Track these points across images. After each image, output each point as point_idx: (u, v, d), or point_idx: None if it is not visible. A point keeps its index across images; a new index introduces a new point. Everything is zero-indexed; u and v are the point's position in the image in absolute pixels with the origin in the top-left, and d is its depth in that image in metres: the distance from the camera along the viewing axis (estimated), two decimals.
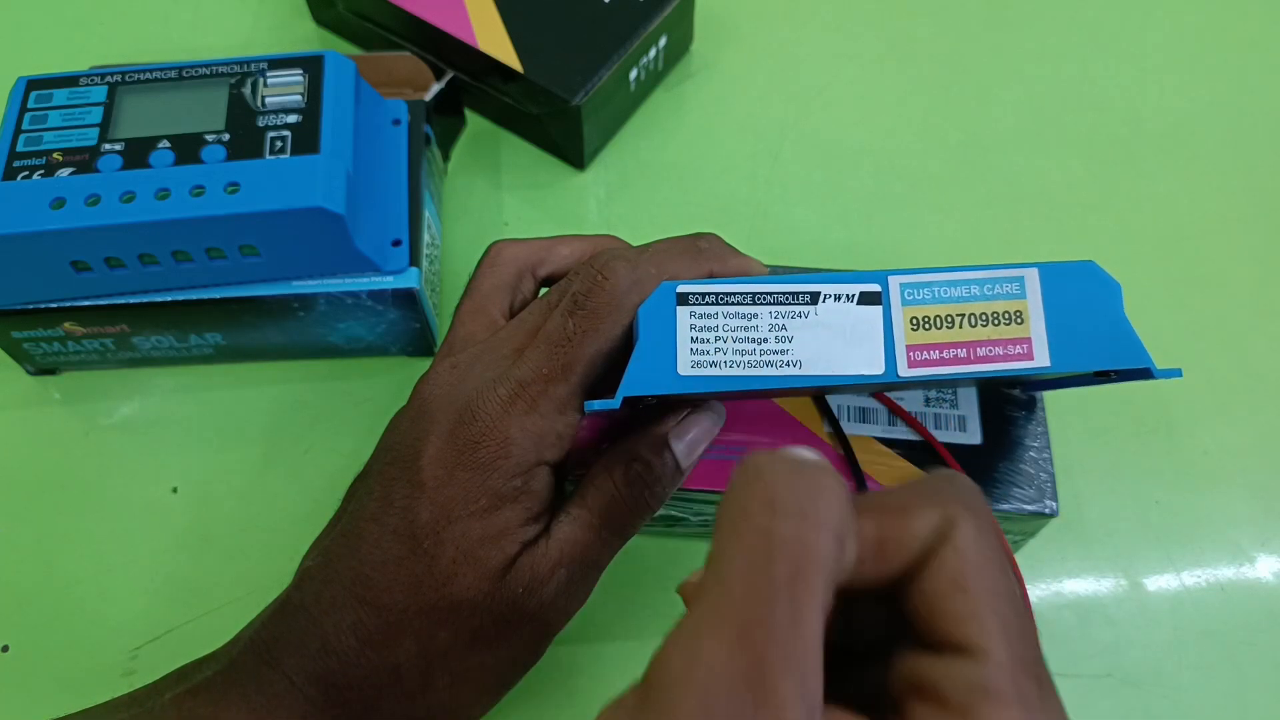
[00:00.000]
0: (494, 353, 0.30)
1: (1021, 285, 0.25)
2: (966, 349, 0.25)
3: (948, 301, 0.25)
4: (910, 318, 0.25)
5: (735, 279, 0.26)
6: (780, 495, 0.17)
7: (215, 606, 0.38)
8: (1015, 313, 0.25)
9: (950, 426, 0.35)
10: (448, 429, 0.29)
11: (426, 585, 0.28)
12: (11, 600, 0.38)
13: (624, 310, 0.28)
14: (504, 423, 0.28)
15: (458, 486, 0.28)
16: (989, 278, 0.25)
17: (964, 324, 0.25)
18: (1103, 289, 0.26)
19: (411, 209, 0.41)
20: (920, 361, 0.25)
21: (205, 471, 0.41)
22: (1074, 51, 0.54)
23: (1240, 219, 0.48)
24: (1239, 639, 0.38)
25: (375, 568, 0.28)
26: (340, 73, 0.39)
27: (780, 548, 0.16)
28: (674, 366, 0.25)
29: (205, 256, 0.37)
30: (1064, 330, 0.25)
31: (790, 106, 0.51)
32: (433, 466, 0.28)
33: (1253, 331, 0.45)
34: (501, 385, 0.28)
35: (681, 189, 0.49)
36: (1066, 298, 0.25)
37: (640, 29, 0.47)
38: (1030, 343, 0.25)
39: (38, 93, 0.38)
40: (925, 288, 0.25)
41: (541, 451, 0.28)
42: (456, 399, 0.29)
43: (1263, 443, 0.43)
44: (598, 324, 0.28)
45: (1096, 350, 0.25)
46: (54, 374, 0.43)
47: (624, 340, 0.28)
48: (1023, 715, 0.17)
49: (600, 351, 0.28)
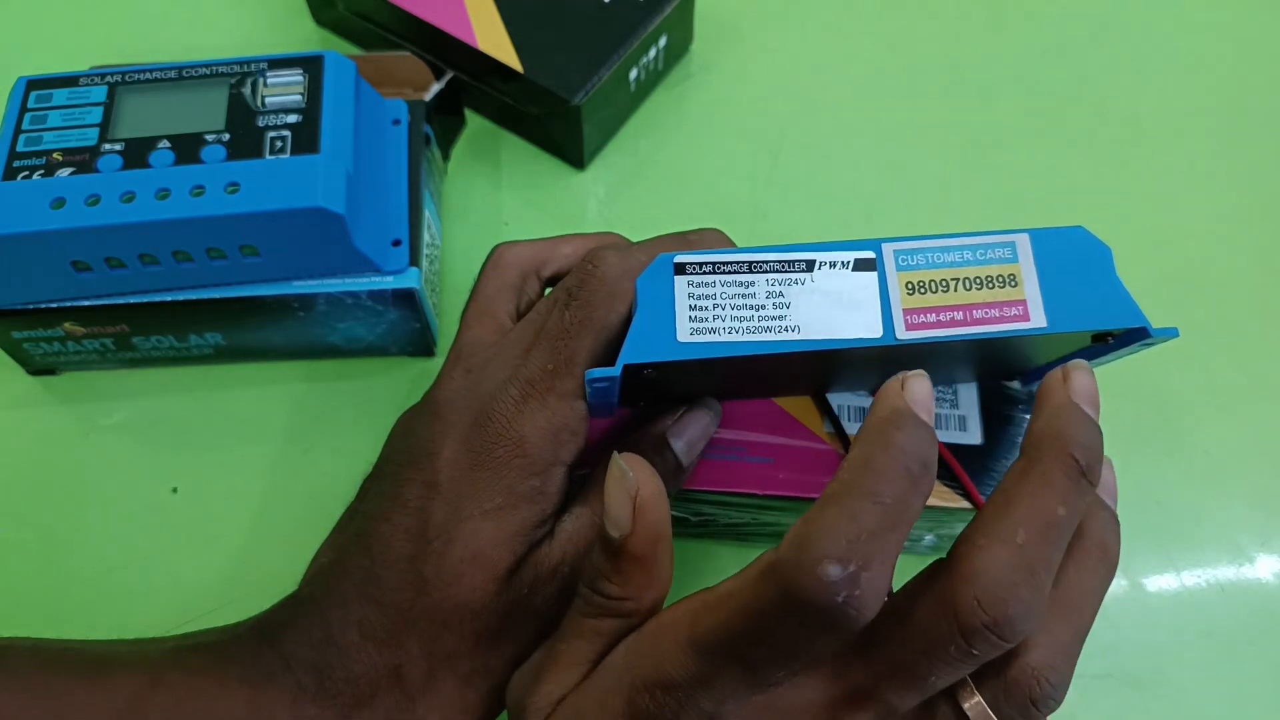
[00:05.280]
0: (504, 355, 0.30)
1: (1014, 250, 0.26)
2: (963, 311, 0.25)
3: (941, 266, 0.25)
4: (905, 282, 0.25)
5: (732, 249, 0.26)
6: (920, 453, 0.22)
7: (215, 606, 0.38)
8: (1009, 276, 0.25)
9: (950, 426, 0.35)
10: (463, 432, 0.29)
11: (433, 585, 0.28)
12: (11, 600, 0.38)
13: (617, 297, 0.28)
14: (518, 423, 0.28)
15: (473, 485, 0.28)
16: (981, 243, 0.26)
17: (958, 287, 0.25)
18: (1093, 252, 0.26)
19: (411, 209, 0.41)
20: (917, 324, 0.25)
21: (205, 471, 0.41)
22: (1074, 51, 0.54)
23: (1241, 219, 0.48)
24: (1239, 639, 0.38)
25: (385, 566, 0.29)
26: (340, 73, 0.39)
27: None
28: (673, 334, 0.25)
29: (205, 256, 0.37)
30: (1058, 293, 0.25)
31: (790, 106, 0.51)
32: (449, 468, 0.29)
33: (1253, 331, 0.45)
34: (513, 386, 0.29)
35: (681, 189, 0.49)
36: (1059, 261, 0.26)
37: (640, 29, 0.47)
38: (1025, 304, 0.25)
39: (38, 93, 0.38)
40: (918, 253, 0.25)
41: (557, 450, 0.29)
42: (472, 402, 0.29)
43: (1263, 443, 0.43)
44: (592, 313, 0.28)
45: (1092, 311, 0.26)
46: (53, 374, 0.43)
47: (623, 328, 0.28)
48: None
49: (599, 340, 0.28)
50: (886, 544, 0.21)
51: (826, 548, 0.20)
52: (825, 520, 0.21)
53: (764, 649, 0.22)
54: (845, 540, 0.20)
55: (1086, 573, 0.25)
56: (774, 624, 0.21)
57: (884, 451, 0.21)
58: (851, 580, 0.20)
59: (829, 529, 0.21)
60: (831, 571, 0.20)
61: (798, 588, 0.20)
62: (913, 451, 0.22)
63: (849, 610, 0.20)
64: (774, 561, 0.21)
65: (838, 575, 0.20)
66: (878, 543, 0.21)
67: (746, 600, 0.22)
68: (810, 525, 0.21)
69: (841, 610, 0.20)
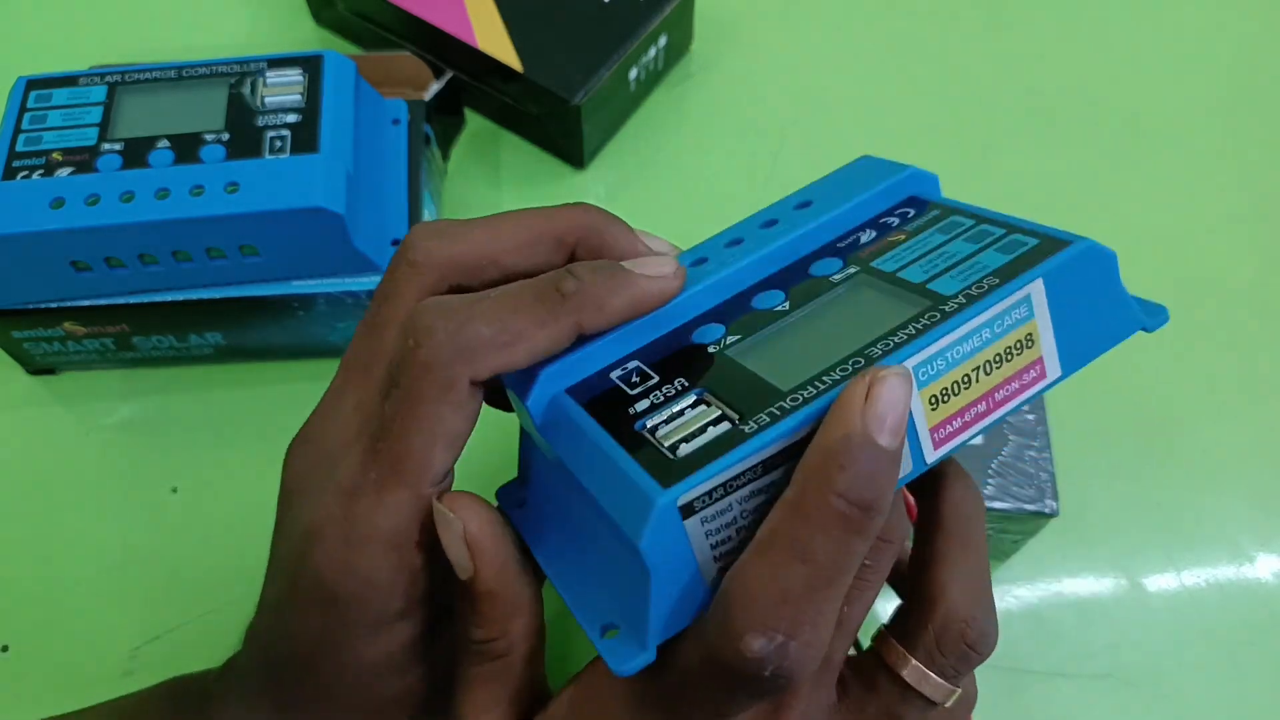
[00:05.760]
0: (335, 436, 0.23)
1: (1029, 305, 0.22)
2: (985, 401, 0.22)
3: (962, 361, 0.21)
4: (929, 398, 0.21)
5: (734, 451, 0.19)
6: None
7: (215, 606, 0.38)
8: (1027, 338, 0.22)
9: None
10: (295, 560, 0.23)
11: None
12: (11, 600, 0.38)
13: (451, 389, 0.21)
14: (347, 556, 0.22)
15: (321, 626, 0.23)
16: (999, 312, 0.21)
17: (979, 376, 0.21)
18: (1100, 265, 0.22)
19: (411, 208, 0.41)
20: (944, 439, 0.21)
21: (205, 471, 0.41)
22: (1074, 51, 0.54)
23: (1241, 219, 0.48)
24: (1239, 639, 0.38)
25: (271, 667, 0.25)
26: (340, 72, 0.39)
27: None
28: (699, 581, 0.20)
29: (205, 256, 0.37)
30: (1069, 329, 0.22)
31: (790, 106, 0.51)
32: (297, 603, 0.23)
33: (1253, 331, 0.45)
34: (334, 501, 0.22)
35: (681, 189, 0.49)
36: (1070, 294, 0.22)
37: (640, 29, 0.47)
38: (1042, 361, 0.22)
39: (37, 92, 0.38)
40: (938, 358, 0.21)
41: (408, 567, 0.22)
42: (307, 506, 0.23)
43: (1263, 443, 0.42)
44: (417, 408, 0.21)
45: (1098, 335, 0.23)
46: (53, 374, 0.43)
47: (470, 408, 0.22)
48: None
49: (440, 436, 0.22)
50: (820, 604, 0.19)
51: (749, 619, 0.18)
52: (749, 583, 0.18)
53: (702, 713, 0.21)
54: (770, 606, 0.18)
55: (955, 503, 0.24)
56: (703, 691, 0.20)
57: (818, 494, 0.18)
58: (779, 652, 0.18)
59: (752, 595, 0.18)
60: (754, 645, 0.18)
61: (722, 660, 0.19)
62: (856, 496, 0.18)
63: (778, 680, 0.19)
64: (699, 629, 0.20)
65: (762, 650, 0.18)
66: (807, 606, 0.18)
67: (680, 662, 0.20)
68: (735, 584, 0.19)
69: (771, 681, 0.19)
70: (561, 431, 0.22)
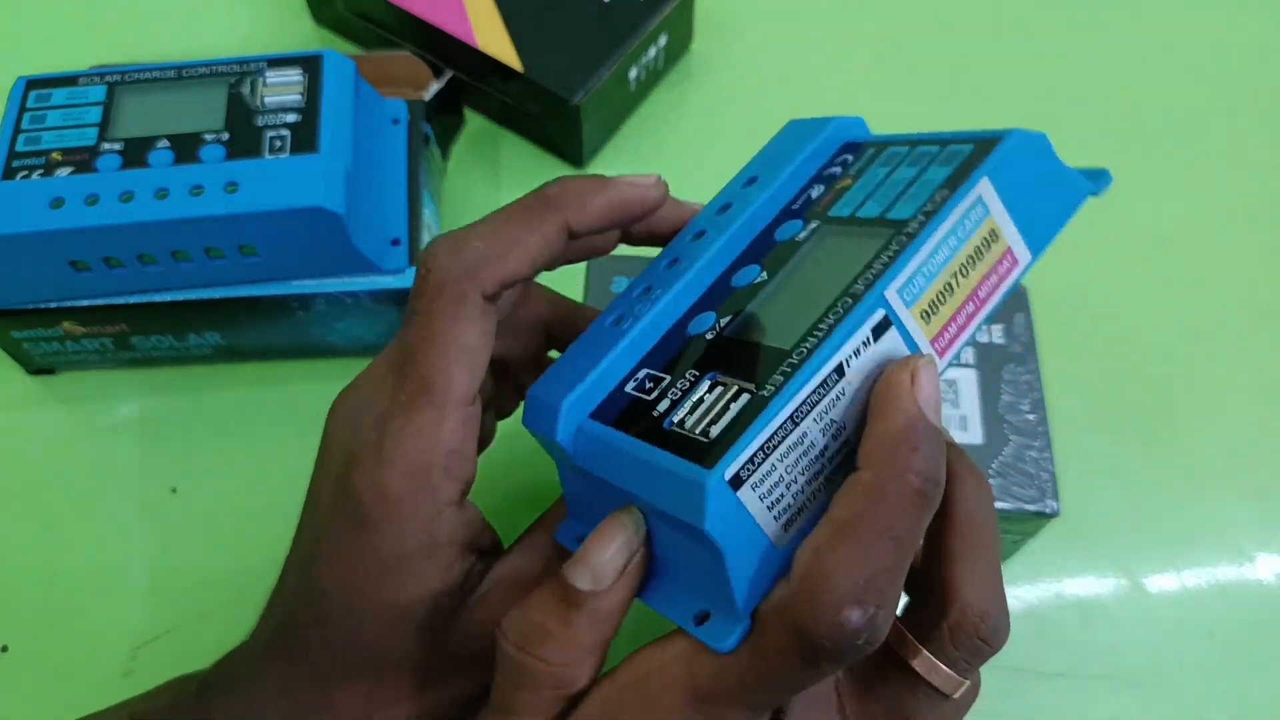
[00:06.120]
0: (372, 381, 0.26)
1: (983, 204, 0.23)
2: (971, 301, 0.23)
3: (939, 272, 0.23)
4: (920, 314, 0.22)
5: (761, 416, 0.21)
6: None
7: (215, 606, 0.38)
8: (991, 234, 0.23)
9: (951, 425, 0.35)
10: (334, 487, 0.25)
11: (351, 646, 0.25)
12: (11, 600, 0.38)
13: (463, 303, 0.23)
14: (379, 474, 0.23)
15: (351, 555, 0.24)
16: (959, 218, 0.23)
17: (958, 280, 0.23)
18: (1034, 148, 0.24)
19: (411, 208, 0.41)
20: (946, 345, 0.23)
21: (205, 471, 0.41)
22: (1074, 50, 0.53)
23: (1240, 219, 0.48)
24: (1239, 639, 0.38)
25: (294, 629, 0.26)
26: (339, 72, 0.39)
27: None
28: (768, 545, 0.21)
29: (204, 256, 0.37)
30: (1026, 215, 0.24)
31: (790, 106, 0.51)
32: (329, 532, 0.25)
33: (1253, 331, 0.45)
34: (370, 428, 0.24)
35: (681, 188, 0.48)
36: (1016, 182, 0.24)
37: (640, 28, 0.47)
38: (1011, 251, 0.24)
39: (37, 92, 0.38)
40: (916, 276, 0.22)
41: (434, 494, 0.24)
42: (345, 438, 0.25)
43: (1263, 443, 0.42)
44: (434, 327, 0.23)
45: (1054, 212, 0.24)
46: (53, 374, 0.43)
47: (484, 324, 0.24)
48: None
49: (459, 352, 0.23)
50: (899, 577, 0.20)
51: (846, 592, 0.19)
52: (840, 560, 0.20)
53: (772, 691, 0.21)
54: (863, 581, 0.19)
55: (968, 501, 0.25)
56: (784, 665, 0.20)
57: (898, 479, 0.20)
58: (872, 621, 0.19)
59: (845, 571, 0.19)
60: (853, 617, 0.19)
61: (816, 634, 0.19)
62: (929, 474, 0.20)
63: (869, 647, 0.20)
64: (787, 604, 0.20)
65: (859, 621, 0.19)
66: (893, 578, 0.20)
67: (754, 644, 0.21)
68: (824, 563, 0.20)
69: (863, 649, 0.20)
70: (598, 455, 0.23)
